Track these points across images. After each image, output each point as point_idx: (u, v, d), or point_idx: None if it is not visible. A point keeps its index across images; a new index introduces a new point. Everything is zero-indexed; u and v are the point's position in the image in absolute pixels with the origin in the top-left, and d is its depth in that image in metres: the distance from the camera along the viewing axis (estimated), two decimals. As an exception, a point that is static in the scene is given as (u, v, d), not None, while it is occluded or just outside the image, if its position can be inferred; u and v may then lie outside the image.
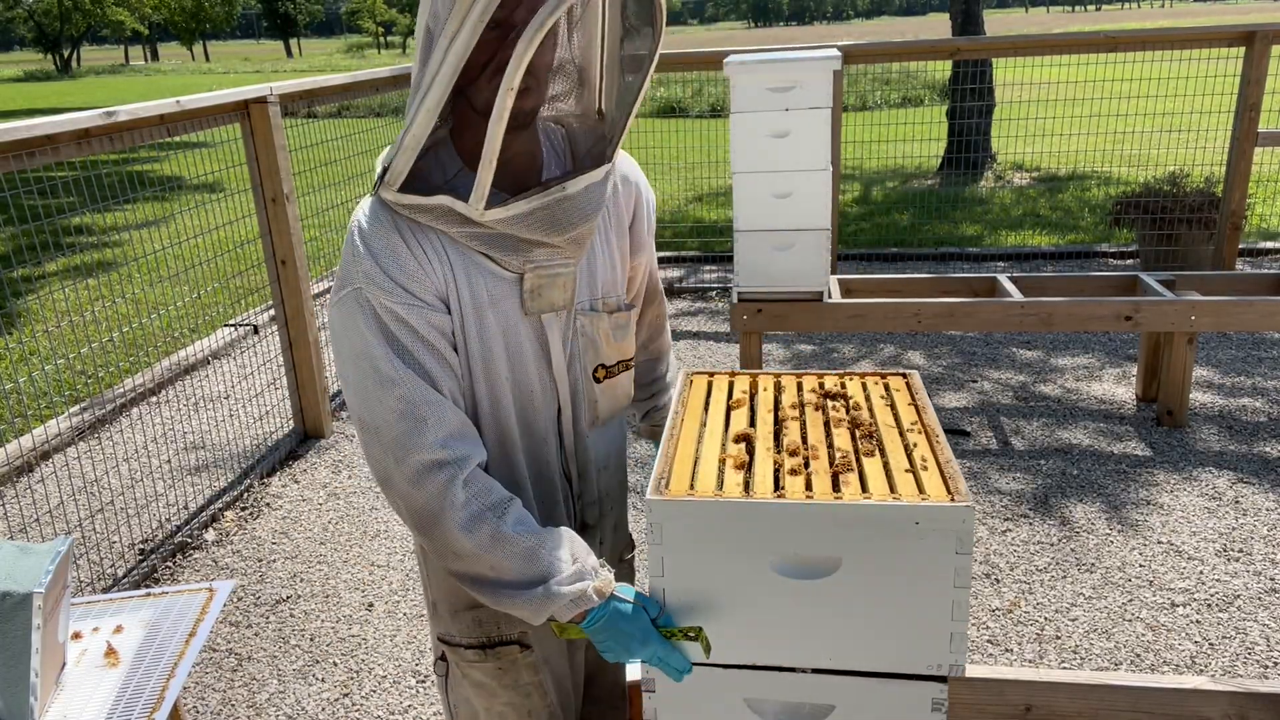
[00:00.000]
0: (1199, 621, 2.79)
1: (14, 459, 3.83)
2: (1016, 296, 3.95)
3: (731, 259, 4.02)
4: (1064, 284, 4.18)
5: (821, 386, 1.53)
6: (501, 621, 1.44)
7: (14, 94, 33.49)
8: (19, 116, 6.23)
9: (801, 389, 1.53)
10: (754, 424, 1.43)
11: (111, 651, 1.72)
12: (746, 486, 1.25)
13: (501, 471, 1.39)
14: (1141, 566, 3.06)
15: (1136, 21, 53.14)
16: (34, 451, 3.92)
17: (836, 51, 3.75)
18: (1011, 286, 4.04)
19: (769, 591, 1.22)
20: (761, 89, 3.62)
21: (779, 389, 1.54)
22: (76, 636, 1.77)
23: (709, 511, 1.21)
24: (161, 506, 3.72)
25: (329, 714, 2.63)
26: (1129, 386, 4.40)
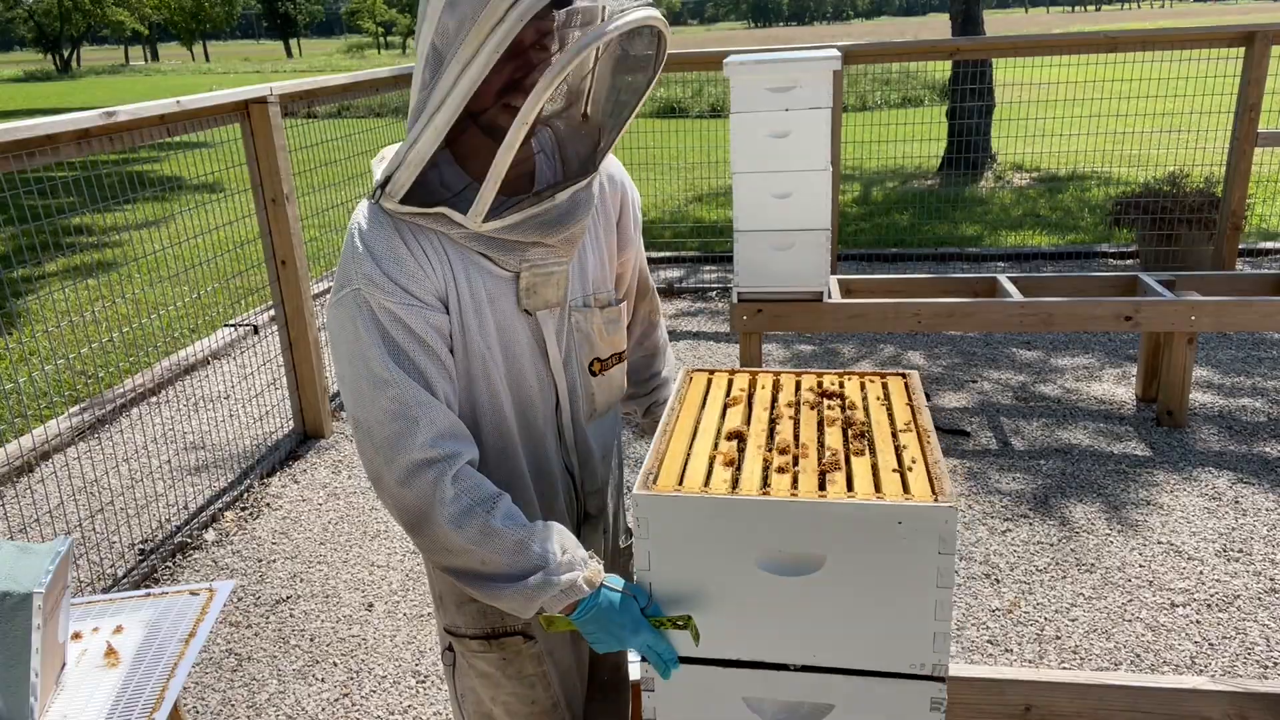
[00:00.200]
0: (1199, 621, 2.79)
1: (14, 459, 3.83)
2: (1016, 297, 3.95)
3: (731, 259, 4.02)
4: (1064, 284, 4.18)
5: (820, 385, 1.53)
6: (505, 612, 1.45)
7: (14, 94, 33.50)
8: (19, 116, 6.23)
9: (799, 388, 1.53)
10: (749, 422, 1.43)
11: (111, 651, 1.72)
12: (735, 483, 1.25)
13: (501, 467, 1.40)
14: (1141, 567, 3.06)
15: (1136, 21, 53.18)
16: (34, 451, 3.92)
17: (836, 52, 3.76)
18: (1011, 287, 4.04)
19: (754, 587, 1.22)
20: (761, 89, 3.63)
21: (777, 387, 1.54)
22: (76, 637, 1.77)
23: (694, 507, 1.21)
24: (161, 507, 3.72)
25: (329, 714, 2.63)
26: (1129, 387, 4.40)
